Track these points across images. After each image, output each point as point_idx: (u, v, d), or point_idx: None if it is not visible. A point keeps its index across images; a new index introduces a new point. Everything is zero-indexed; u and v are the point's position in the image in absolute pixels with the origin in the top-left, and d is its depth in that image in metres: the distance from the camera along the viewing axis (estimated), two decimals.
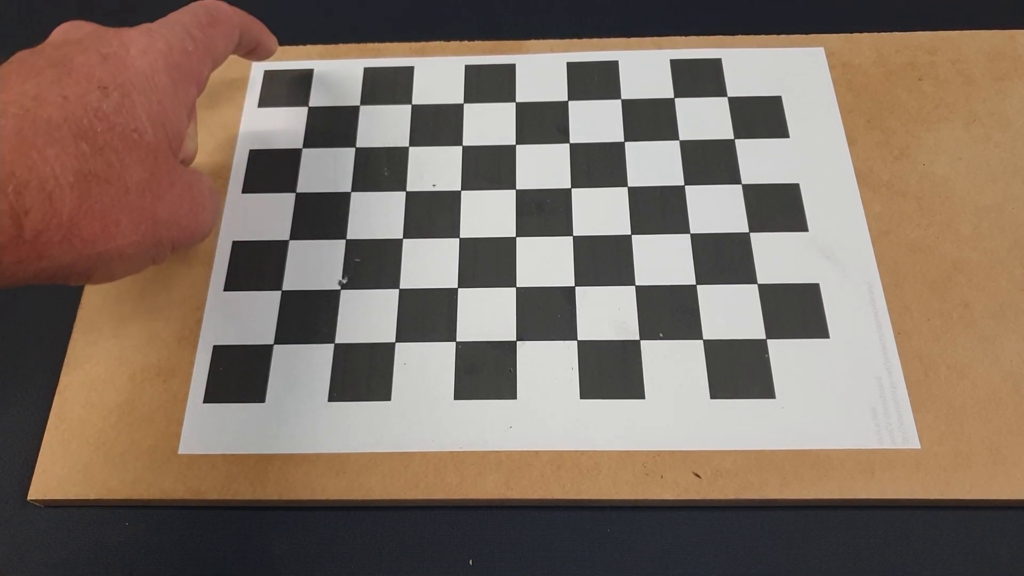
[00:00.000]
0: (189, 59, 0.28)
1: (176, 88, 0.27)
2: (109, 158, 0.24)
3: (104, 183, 0.24)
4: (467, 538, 0.30)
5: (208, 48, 0.30)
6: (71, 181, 0.23)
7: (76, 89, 0.25)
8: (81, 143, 0.24)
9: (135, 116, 0.25)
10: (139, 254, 0.27)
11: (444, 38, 0.42)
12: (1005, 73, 0.39)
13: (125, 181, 0.25)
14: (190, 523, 0.31)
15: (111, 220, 0.25)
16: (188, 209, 0.28)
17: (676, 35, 0.41)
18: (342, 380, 0.33)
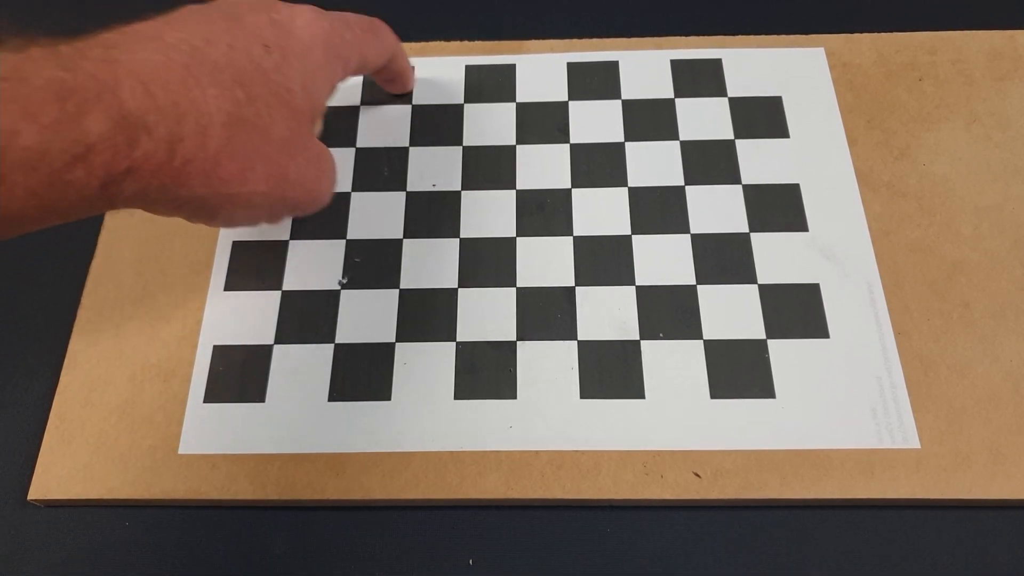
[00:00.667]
0: (344, 45, 0.31)
1: (328, 65, 0.30)
2: (259, 109, 0.26)
3: (251, 130, 0.26)
4: (467, 538, 0.30)
5: (361, 47, 0.32)
6: (223, 120, 0.25)
7: (243, 41, 0.27)
8: (238, 89, 0.26)
9: (289, 77, 0.28)
10: (263, 205, 0.28)
11: (444, 38, 0.42)
12: (1005, 73, 0.39)
13: (268, 133, 0.27)
14: (190, 523, 0.31)
15: (248, 165, 0.26)
16: (314, 175, 0.29)
17: (676, 35, 0.41)
18: (342, 380, 0.33)
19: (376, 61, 0.34)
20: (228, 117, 0.25)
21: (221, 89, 0.25)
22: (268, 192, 0.27)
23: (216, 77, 0.25)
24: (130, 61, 0.24)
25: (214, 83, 0.25)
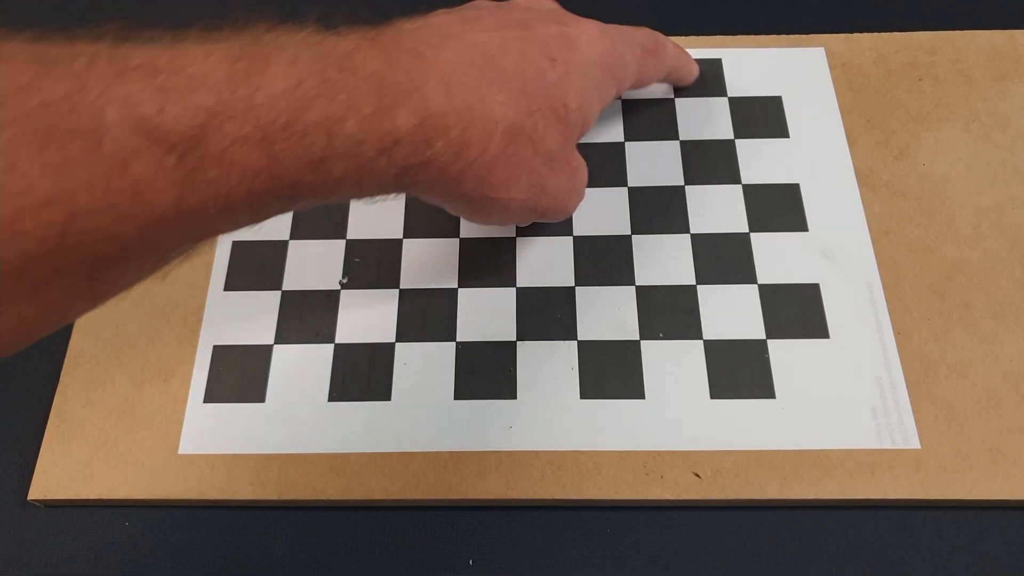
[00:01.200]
0: (623, 67, 0.31)
1: (603, 83, 0.30)
2: (536, 121, 0.27)
3: (525, 141, 0.27)
4: (467, 538, 0.30)
5: (640, 69, 0.33)
6: (505, 128, 0.26)
7: (533, 52, 0.27)
8: (522, 99, 0.27)
9: (568, 93, 0.28)
10: (518, 211, 0.29)
11: None
12: (1005, 73, 0.39)
13: (539, 145, 0.27)
14: (190, 523, 0.31)
15: (515, 174, 0.27)
16: (568, 188, 0.30)
17: (676, 35, 0.41)
18: (342, 380, 0.33)
19: (652, 79, 0.35)
20: (509, 126, 0.26)
21: (508, 97, 0.26)
22: (526, 200, 0.28)
23: (505, 85, 0.26)
24: (435, 59, 0.25)
25: (503, 90, 0.26)
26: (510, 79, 0.26)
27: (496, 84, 0.26)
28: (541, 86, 0.27)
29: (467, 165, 0.25)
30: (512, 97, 0.26)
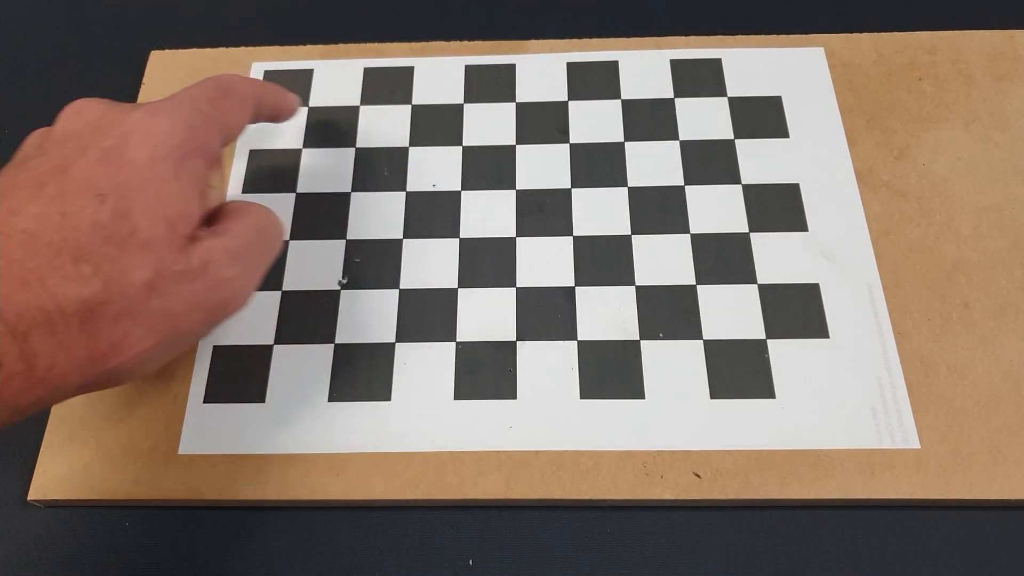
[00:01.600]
0: (195, 134, 0.28)
1: (179, 170, 0.27)
2: (109, 272, 0.24)
3: (107, 302, 0.24)
4: (467, 538, 0.30)
5: (217, 120, 0.29)
6: (74, 310, 0.23)
7: (75, 201, 0.24)
8: (81, 265, 0.23)
9: (133, 216, 0.25)
10: (163, 353, 0.26)
11: (444, 38, 0.42)
12: (1005, 73, 0.39)
13: (128, 292, 0.24)
14: (190, 523, 0.31)
15: (119, 336, 0.24)
16: (204, 290, 0.26)
17: (676, 35, 0.41)
18: (342, 380, 0.33)
19: (242, 120, 0.31)
20: (78, 304, 0.23)
21: (63, 275, 0.23)
22: (158, 342, 0.25)
23: (55, 263, 0.23)
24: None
25: (53, 271, 0.23)
26: (57, 253, 0.23)
27: (43, 269, 0.23)
28: (97, 234, 0.24)
29: (49, 369, 0.23)
30: (68, 273, 0.23)
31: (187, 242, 0.26)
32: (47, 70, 0.43)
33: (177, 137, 0.27)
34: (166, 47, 0.42)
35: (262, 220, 0.29)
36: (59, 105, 0.28)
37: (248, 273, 0.28)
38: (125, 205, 0.25)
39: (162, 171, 0.26)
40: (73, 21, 0.45)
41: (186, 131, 0.27)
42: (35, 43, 0.44)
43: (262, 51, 0.42)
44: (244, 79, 0.32)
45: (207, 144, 0.28)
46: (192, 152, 0.27)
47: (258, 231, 0.29)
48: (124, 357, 0.25)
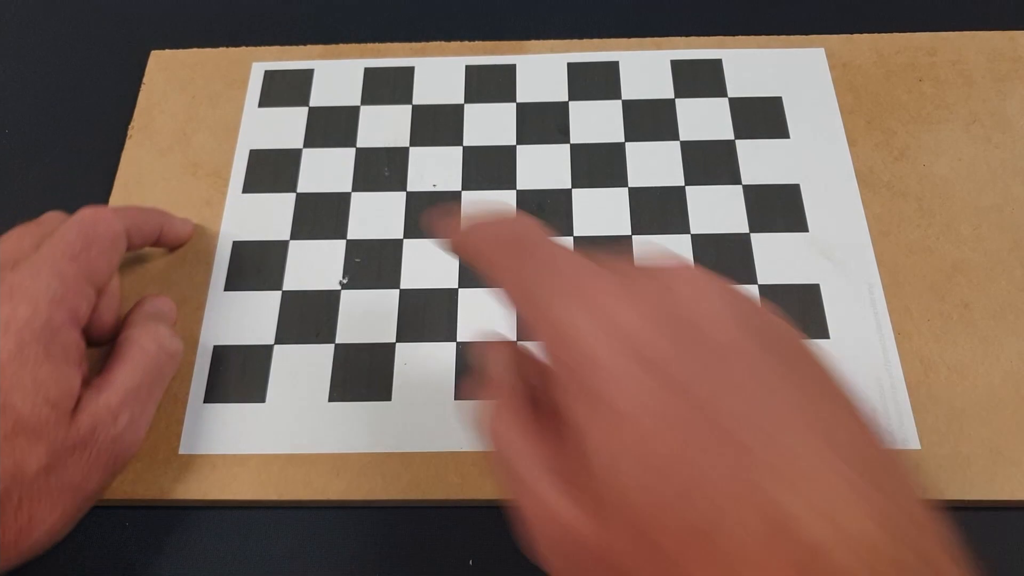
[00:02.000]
0: (60, 306, 0.27)
1: (50, 349, 0.27)
2: (4, 466, 0.24)
3: (7, 493, 0.25)
4: (467, 538, 0.30)
5: (84, 276, 0.29)
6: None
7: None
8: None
9: (15, 410, 0.25)
10: (73, 518, 0.27)
11: (444, 38, 0.42)
12: (1005, 74, 0.39)
13: (26, 479, 0.25)
14: (190, 523, 0.31)
15: (24, 520, 0.25)
16: (97, 454, 0.27)
17: (676, 35, 0.41)
18: (342, 380, 0.33)
19: (113, 264, 0.31)
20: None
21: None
22: (64, 513, 0.26)
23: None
24: None
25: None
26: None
27: None
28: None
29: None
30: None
31: (72, 416, 0.27)
32: (47, 70, 0.43)
33: (40, 318, 0.27)
34: (166, 47, 0.42)
35: (148, 354, 0.30)
36: (59, 106, 0.28)
37: (138, 416, 0.29)
38: (4, 399, 0.25)
39: (32, 355, 0.26)
40: (73, 21, 0.45)
41: (49, 306, 0.27)
42: (35, 43, 0.44)
43: (262, 51, 0.42)
44: (110, 215, 0.31)
45: (74, 309, 0.28)
46: (60, 325, 0.27)
47: (144, 370, 0.29)
48: (34, 537, 0.26)
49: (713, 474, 0.16)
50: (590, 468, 0.17)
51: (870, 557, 0.14)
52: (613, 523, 0.16)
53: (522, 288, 0.20)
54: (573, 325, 0.18)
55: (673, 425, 0.16)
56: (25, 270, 0.28)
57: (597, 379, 0.17)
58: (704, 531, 0.15)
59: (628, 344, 0.17)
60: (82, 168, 0.39)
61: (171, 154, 0.39)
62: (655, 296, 0.18)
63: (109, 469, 0.28)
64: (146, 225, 0.33)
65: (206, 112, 0.40)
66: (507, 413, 0.20)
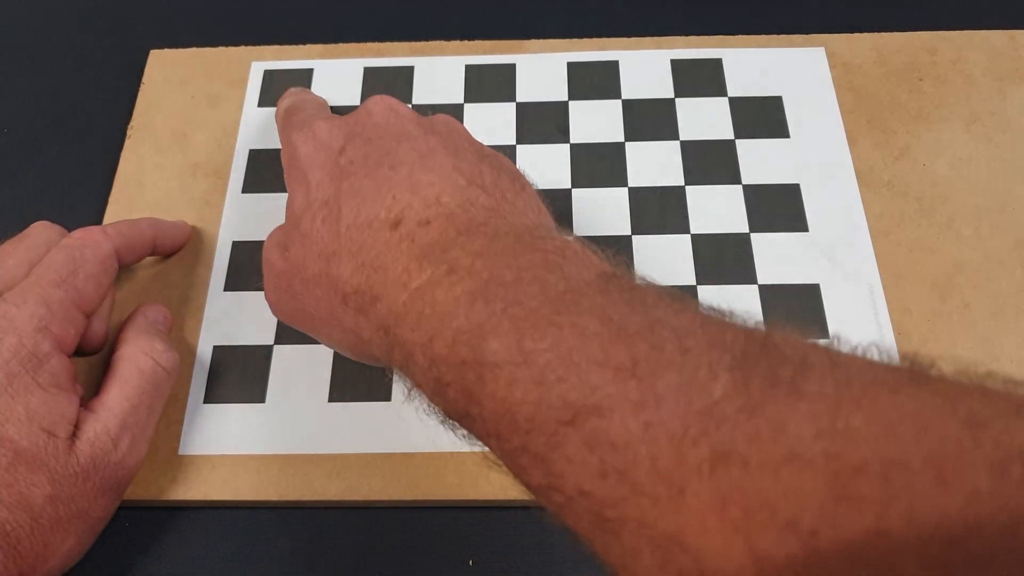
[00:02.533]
0: (47, 334, 0.27)
1: (39, 377, 0.27)
2: (10, 499, 0.25)
3: (19, 524, 0.25)
4: (467, 538, 0.30)
5: (72, 302, 0.29)
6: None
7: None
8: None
9: (13, 442, 0.25)
10: (88, 540, 0.28)
11: (444, 38, 0.42)
12: (1006, 73, 0.39)
13: (34, 509, 0.25)
14: (190, 523, 0.31)
15: (40, 548, 0.26)
16: (101, 480, 0.27)
17: (676, 35, 0.41)
18: (342, 380, 0.33)
19: (103, 286, 0.31)
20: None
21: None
22: (79, 540, 0.27)
23: None
24: None
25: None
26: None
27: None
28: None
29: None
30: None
31: (70, 443, 0.27)
32: (46, 69, 0.43)
33: (27, 347, 0.27)
34: (165, 47, 0.42)
35: (145, 374, 0.30)
36: (58, 105, 0.28)
37: (139, 438, 0.29)
38: (0, 431, 0.25)
39: (22, 386, 0.26)
40: (72, 20, 0.45)
41: (36, 335, 0.27)
42: (34, 42, 0.44)
43: (262, 50, 0.41)
44: (99, 237, 0.31)
45: (61, 336, 0.28)
46: (47, 354, 0.27)
47: (142, 391, 0.29)
48: (52, 562, 0.26)
49: (361, 193, 0.26)
50: (286, 227, 0.28)
51: (439, 210, 0.24)
52: (289, 255, 0.28)
53: (282, 132, 0.32)
54: (295, 141, 0.29)
55: (336, 176, 0.27)
56: (11, 299, 0.28)
57: (300, 164, 0.28)
58: (356, 228, 0.25)
59: (320, 144, 0.28)
60: (81, 168, 0.39)
61: (170, 154, 0.39)
62: (352, 118, 0.29)
63: (114, 492, 0.29)
64: (138, 241, 0.33)
65: (205, 112, 0.40)
66: (267, 238, 0.30)
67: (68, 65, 0.43)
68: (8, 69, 0.43)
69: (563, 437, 0.18)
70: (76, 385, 0.29)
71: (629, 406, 0.17)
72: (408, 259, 0.23)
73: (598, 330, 0.19)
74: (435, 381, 0.22)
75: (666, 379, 0.18)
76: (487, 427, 0.20)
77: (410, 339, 0.22)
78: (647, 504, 0.17)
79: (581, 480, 0.18)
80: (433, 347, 0.21)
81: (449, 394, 0.21)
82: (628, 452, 0.17)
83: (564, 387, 0.18)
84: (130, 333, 0.31)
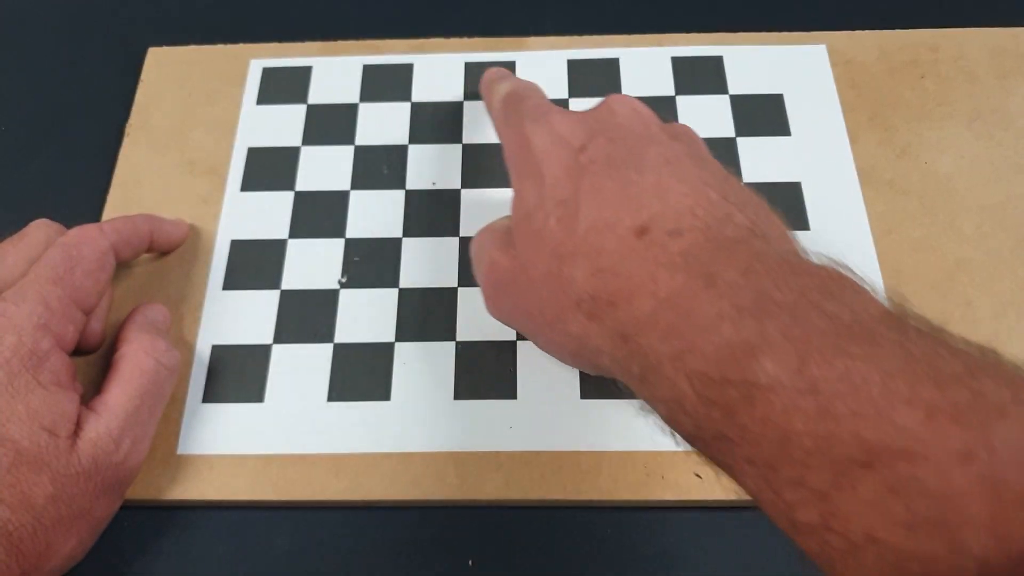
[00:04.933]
0: (46, 332, 0.27)
1: (39, 376, 0.27)
2: (12, 499, 0.25)
3: (21, 524, 0.25)
4: (467, 538, 0.30)
5: (70, 299, 0.29)
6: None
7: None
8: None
9: (14, 442, 0.25)
10: (90, 539, 0.28)
11: (443, 35, 0.41)
12: (1008, 71, 0.39)
13: (36, 509, 0.25)
14: (190, 523, 0.31)
15: (43, 546, 0.25)
16: (103, 480, 0.27)
17: (677, 32, 0.41)
18: (341, 380, 0.32)
19: (100, 282, 0.30)
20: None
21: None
22: (81, 538, 0.27)
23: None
24: None
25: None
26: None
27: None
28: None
29: None
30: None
31: (72, 442, 0.27)
32: (44, 67, 0.42)
33: (26, 346, 0.27)
34: (164, 44, 0.42)
35: (147, 373, 0.29)
36: (56, 103, 0.28)
37: (140, 439, 0.29)
38: (1, 431, 0.25)
39: (23, 385, 0.26)
40: (70, 18, 0.44)
41: (35, 333, 0.27)
42: (32, 40, 0.44)
43: (260, 48, 0.41)
44: (95, 234, 0.31)
45: (61, 333, 0.28)
46: (47, 352, 0.27)
47: (144, 391, 0.29)
48: (54, 563, 0.26)
49: (602, 195, 0.24)
50: (511, 223, 0.28)
51: (693, 222, 0.23)
52: (516, 253, 0.27)
53: (509, 120, 0.30)
54: (530, 133, 0.28)
55: (575, 175, 0.25)
56: (10, 297, 0.28)
57: (535, 157, 0.27)
58: (595, 231, 0.24)
59: (558, 140, 0.27)
60: (79, 166, 0.39)
61: (169, 152, 0.38)
62: (592, 116, 0.28)
63: (116, 492, 0.29)
64: (135, 237, 0.33)
65: (204, 109, 0.40)
66: (483, 231, 0.30)
67: (66, 63, 0.43)
68: (6, 67, 0.43)
69: (856, 478, 0.17)
70: (76, 383, 0.29)
71: (951, 455, 0.16)
72: (656, 267, 0.22)
73: (900, 367, 0.17)
74: (685, 396, 0.20)
75: (1000, 432, 0.16)
76: (748, 452, 0.19)
77: (657, 349, 0.21)
78: (972, 567, 0.15)
79: (875, 527, 0.16)
80: (686, 360, 0.20)
81: (701, 411, 0.20)
82: (950, 506, 0.15)
83: (860, 424, 0.17)
84: (131, 332, 0.31)
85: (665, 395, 0.21)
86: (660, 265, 0.22)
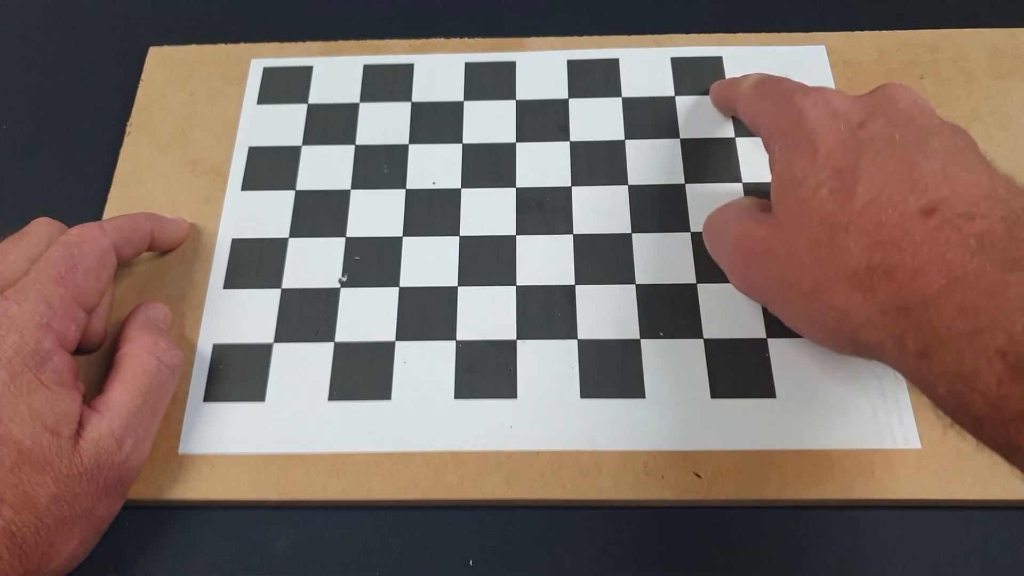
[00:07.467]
0: (48, 331, 0.27)
1: (42, 376, 0.27)
2: (15, 499, 0.25)
3: (23, 524, 0.25)
4: (467, 538, 0.30)
5: (72, 299, 0.29)
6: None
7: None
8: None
9: (16, 441, 0.25)
10: (93, 539, 0.28)
11: (444, 35, 0.41)
12: (1007, 71, 0.39)
13: (38, 509, 0.25)
14: (189, 523, 0.31)
15: (45, 546, 0.26)
16: (105, 480, 0.27)
17: (677, 33, 0.41)
18: (342, 379, 0.32)
19: (102, 281, 0.30)
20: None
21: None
22: (83, 538, 0.27)
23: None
24: None
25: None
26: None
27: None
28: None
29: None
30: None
31: (75, 442, 0.27)
32: (45, 66, 0.42)
33: (29, 345, 0.27)
34: (165, 43, 0.42)
35: (149, 372, 0.29)
36: (57, 102, 0.28)
37: (143, 438, 0.29)
38: (3, 431, 0.25)
39: (25, 384, 0.26)
40: (71, 17, 0.44)
41: (37, 332, 0.27)
42: (33, 39, 0.44)
43: (261, 48, 0.41)
44: (96, 233, 0.31)
45: (63, 332, 0.28)
46: (49, 351, 0.27)
47: (147, 390, 0.29)
48: (57, 561, 0.26)
49: (885, 172, 0.25)
50: (775, 190, 0.28)
51: (987, 210, 0.23)
52: (776, 221, 0.28)
53: (768, 96, 0.31)
54: (802, 105, 0.28)
55: (854, 148, 0.26)
56: (12, 296, 0.28)
57: (808, 128, 0.27)
58: (876, 206, 0.25)
59: (835, 113, 0.28)
60: (80, 165, 0.39)
61: (170, 151, 0.38)
62: (869, 98, 0.29)
63: (118, 492, 0.29)
64: (136, 235, 0.33)
65: (205, 109, 0.40)
66: (722, 209, 0.32)
67: (67, 62, 0.43)
68: (7, 66, 0.43)
69: None
70: (79, 383, 0.29)
71: None
72: (946, 247, 0.23)
73: None
74: (980, 373, 0.21)
75: None
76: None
77: (949, 325, 0.22)
78: None
79: None
80: (986, 337, 0.21)
81: (1004, 389, 0.21)
82: None
83: None
84: (133, 331, 0.31)
85: (953, 370, 0.22)
86: (952, 244, 0.23)
